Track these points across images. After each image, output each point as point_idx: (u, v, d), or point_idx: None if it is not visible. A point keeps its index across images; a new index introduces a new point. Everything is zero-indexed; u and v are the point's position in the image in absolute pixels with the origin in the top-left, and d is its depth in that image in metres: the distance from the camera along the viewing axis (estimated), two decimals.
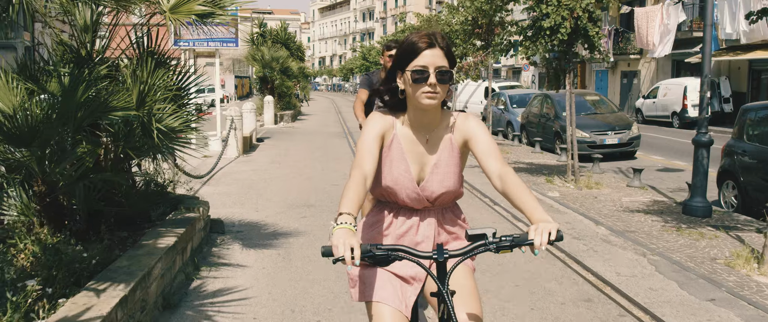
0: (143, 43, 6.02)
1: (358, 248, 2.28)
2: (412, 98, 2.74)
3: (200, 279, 6.15)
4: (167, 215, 6.65)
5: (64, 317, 3.78)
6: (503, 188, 2.67)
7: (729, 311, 5.43)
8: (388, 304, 2.76)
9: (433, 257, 2.54)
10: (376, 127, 2.81)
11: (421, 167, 2.87)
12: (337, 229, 2.34)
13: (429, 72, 2.67)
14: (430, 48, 2.69)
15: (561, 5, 11.21)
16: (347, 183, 2.60)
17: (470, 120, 2.88)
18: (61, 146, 5.04)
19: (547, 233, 2.40)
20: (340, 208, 2.46)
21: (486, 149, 2.78)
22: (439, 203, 2.93)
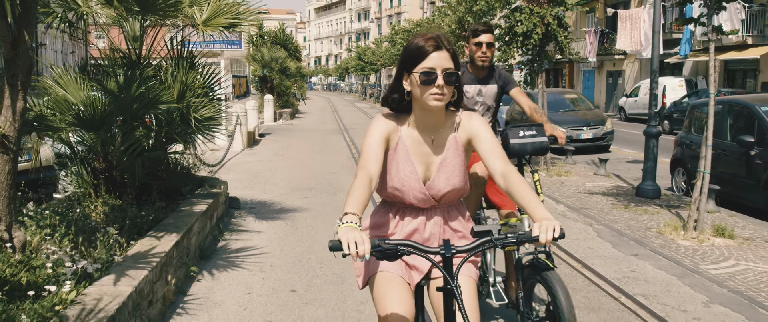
0: (179, 49, 7.42)
1: (367, 242, 2.35)
2: (420, 100, 2.80)
3: (224, 241, 7.59)
4: (195, 191, 8.06)
5: (137, 252, 5.20)
6: (507, 187, 2.75)
7: (646, 262, 6.87)
8: (391, 271, 2.90)
9: (441, 253, 2.60)
10: (381, 130, 2.87)
11: (427, 166, 2.93)
12: (343, 227, 2.41)
13: (436, 74, 2.73)
14: (437, 50, 2.74)
15: (533, 13, 12.65)
16: (353, 184, 2.66)
17: (474, 119, 2.94)
18: (122, 130, 6.46)
19: (551, 230, 2.49)
20: (345, 208, 2.53)
21: (490, 148, 2.86)
22: (444, 202, 2.99)
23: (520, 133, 4.47)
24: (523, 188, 2.68)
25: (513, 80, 5.25)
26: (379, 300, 2.85)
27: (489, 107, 5.24)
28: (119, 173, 6.84)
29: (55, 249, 4.65)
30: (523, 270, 4.12)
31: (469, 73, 5.14)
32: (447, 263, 2.59)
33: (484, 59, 5.03)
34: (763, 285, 6.16)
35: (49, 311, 3.80)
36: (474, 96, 5.15)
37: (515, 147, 4.46)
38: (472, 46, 5.08)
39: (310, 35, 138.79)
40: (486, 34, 5.02)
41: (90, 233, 5.27)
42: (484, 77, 5.16)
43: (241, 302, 5.58)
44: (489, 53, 5.03)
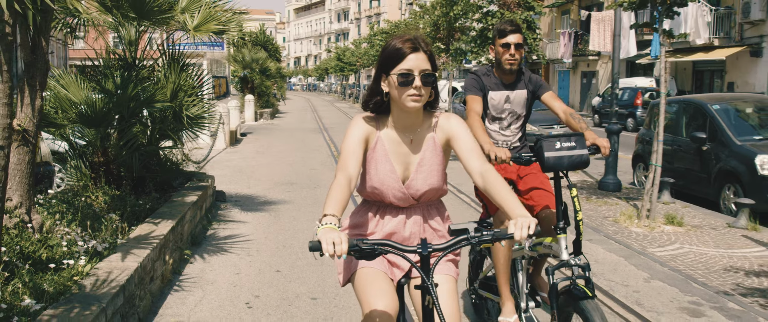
0: (171, 52, 8.02)
1: (345, 242, 2.40)
2: (398, 101, 2.83)
3: (213, 229, 8.20)
4: (184, 184, 8.65)
5: (138, 235, 5.81)
6: (484, 186, 2.78)
7: (598, 246, 7.56)
8: (374, 267, 2.95)
9: (418, 251, 2.63)
10: (359, 132, 2.91)
11: (406, 166, 2.97)
12: (322, 228, 2.45)
13: (414, 75, 2.77)
14: (415, 52, 2.78)
15: (504, 17, 13.35)
16: (332, 185, 2.71)
17: (452, 119, 2.98)
18: (120, 127, 7.05)
19: (527, 227, 2.51)
20: (324, 209, 2.58)
21: (468, 148, 2.89)
22: (424, 201, 3.04)
23: (556, 144, 3.94)
24: (501, 187, 2.71)
25: (545, 84, 4.75)
26: (362, 295, 2.88)
27: (518, 116, 4.74)
28: (116, 167, 7.43)
29: (68, 231, 5.26)
30: (557, 298, 3.74)
31: (495, 78, 4.64)
32: (424, 261, 2.64)
33: (512, 62, 4.52)
34: (700, 265, 6.86)
35: (68, 280, 4.41)
36: (501, 103, 4.64)
37: (550, 161, 3.92)
38: (498, 48, 4.55)
39: (290, 35, 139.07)
40: (514, 34, 4.53)
41: (95, 218, 5.87)
42: (513, 82, 4.65)
43: (231, 281, 6.21)
44: (518, 55, 4.54)
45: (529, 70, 4.81)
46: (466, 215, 9.38)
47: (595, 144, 4.10)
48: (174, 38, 8.40)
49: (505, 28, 4.55)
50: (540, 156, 3.94)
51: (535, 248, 4.28)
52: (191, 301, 5.63)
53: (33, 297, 4.05)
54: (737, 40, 27.43)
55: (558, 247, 3.92)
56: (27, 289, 4.12)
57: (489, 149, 3.95)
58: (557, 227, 3.97)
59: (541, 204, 4.42)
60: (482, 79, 4.64)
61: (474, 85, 4.63)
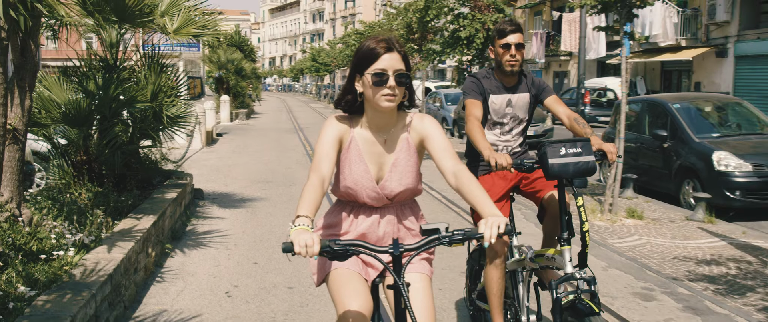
0: (151, 54, 8.29)
1: (317, 243, 2.44)
2: (372, 101, 2.85)
3: (192, 225, 8.48)
4: (164, 182, 8.92)
5: (122, 229, 6.09)
6: (457, 185, 2.79)
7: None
8: (348, 268, 2.96)
9: (390, 251, 2.66)
10: (333, 132, 2.93)
11: (380, 166, 2.99)
12: (295, 229, 2.49)
13: (388, 75, 2.79)
14: (389, 52, 2.81)
15: (474, 19, 13.74)
16: (305, 186, 2.74)
17: (426, 120, 3.00)
18: (102, 127, 7.31)
19: (497, 227, 2.52)
20: (297, 211, 2.61)
21: (441, 148, 2.91)
22: (398, 201, 3.06)
23: (561, 150, 3.72)
24: (473, 185, 2.73)
25: (548, 87, 4.54)
26: (336, 296, 2.89)
27: (520, 120, 4.52)
28: (98, 165, 7.68)
29: (55, 225, 5.53)
30: (561, 313, 3.61)
31: (496, 81, 4.42)
32: (396, 261, 2.67)
33: (513, 64, 4.29)
34: (656, 255, 7.27)
35: (59, 270, 4.69)
36: (502, 107, 4.42)
37: (555, 168, 3.69)
38: (498, 49, 4.34)
39: (265, 36, 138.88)
40: (515, 34, 4.30)
41: (80, 213, 6.14)
42: (514, 85, 4.44)
43: (210, 272, 6.51)
44: (519, 56, 4.31)
45: (532, 74, 4.57)
46: (439, 214, 9.73)
47: (602, 150, 3.86)
48: (153, 40, 8.65)
49: (504, 28, 4.32)
50: (544, 162, 3.72)
51: (537, 259, 4.07)
52: (173, 291, 5.92)
53: (26, 285, 4.33)
54: (703, 40, 28.10)
55: (562, 259, 3.72)
56: (20, 278, 4.40)
57: (489, 156, 3.77)
58: (561, 237, 3.75)
59: (545, 190, 4.27)
60: (482, 83, 4.43)
61: (473, 89, 4.41)
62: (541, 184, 4.31)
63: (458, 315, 5.42)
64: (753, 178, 9.71)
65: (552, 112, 4.42)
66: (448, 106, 25.11)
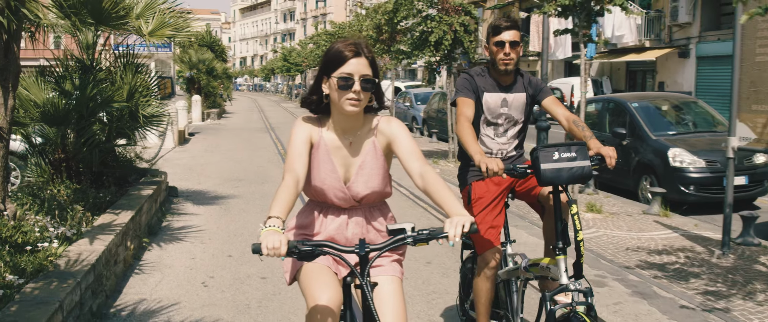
0: (126, 55, 8.53)
1: (285, 244, 2.50)
2: (337, 104, 2.88)
3: (167, 221, 8.74)
4: (139, 179, 9.16)
5: (102, 223, 6.35)
6: (424, 186, 2.82)
7: (522, 231, 8.33)
8: (318, 262, 3.00)
9: (355, 251, 2.72)
10: (304, 132, 2.98)
11: (347, 168, 3.01)
12: (265, 230, 2.55)
13: (354, 80, 2.81)
14: (356, 57, 2.83)
15: (442, 21, 14.10)
16: (280, 186, 2.79)
17: (393, 123, 3.02)
18: (79, 126, 7.55)
19: (461, 226, 2.55)
20: (269, 211, 2.65)
21: (408, 151, 2.93)
22: (366, 202, 3.08)
23: (554, 155, 3.56)
24: (439, 186, 2.77)
25: (545, 88, 4.35)
26: (306, 289, 2.92)
27: (516, 121, 4.31)
28: (75, 163, 7.91)
29: (38, 219, 5.78)
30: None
31: (491, 79, 4.24)
32: (362, 261, 2.72)
33: (507, 62, 4.09)
34: (611, 245, 7.69)
35: (44, 260, 4.95)
36: (497, 107, 4.24)
37: (547, 174, 3.53)
38: (492, 47, 4.15)
39: (235, 36, 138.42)
40: (509, 31, 4.10)
41: (61, 208, 6.40)
42: (510, 84, 4.25)
43: (187, 265, 6.79)
44: (514, 55, 4.11)
45: (529, 73, 4.41)
46: (407, 210, 10.07)
47: (600, 154, 3.68)
48: (127, 42, 8.89)
49: (499, 25, 4.12)
50: (536, 168, 3.57)
51: (531, 269, 3.96)
52: (152, 282, 6.20)
53: (14, 274, 4.59)
54: (667, 41, 28.83)
55: (556, 269, 3.62)
56: (8, 268, 4.66)
57: (479, 160, 3.59)
58: (556, 247, 3.64)
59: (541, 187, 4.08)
60: (475, 80, 4.22)
61: (466, 86, 4.20)
62: (535, 182, 4.03)
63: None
64: (706, 173, 10.20)
65: (550, 114, 4.29)
66: (417, 105, 25.49)
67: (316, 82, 2.98)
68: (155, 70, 30.92)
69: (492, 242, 4.16)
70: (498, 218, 4.26)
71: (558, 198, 3.70)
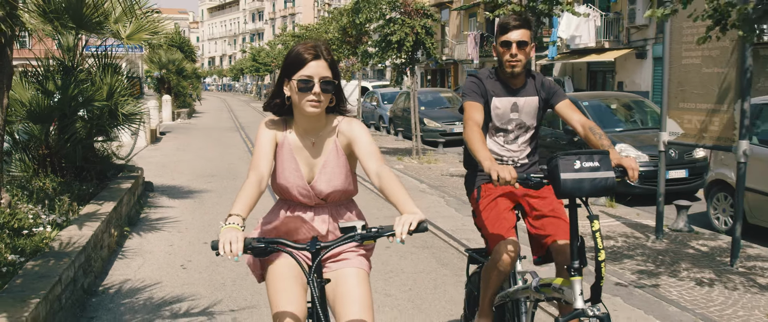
0: (103, 58, 9.07)
1: (240, 242, 2.55)
2: (298, 105, 2.93)
3: (145, 213, 9.30)
4: (117, 174, 9.70)
5: (87, 212, 6.90)
6: (380, 185, 2.85)
7: None
8: (285, 268, 3.07)
9: (307, 248, 2.77)
10: (269, 133, 3.05)
11: (311, 168, 3.07)
12: (225, 228, 2.61)
13: (314, 82, 2.87)
14: (316, 59, 2.89)
15: (404, 24, 14.77)
16: (243, 184, 2.87)
17: (353, 124, 3.07)
18: (62, 124, 8.08)
19: (408, 224, 2.56)
20: (231, 209, 2.72)
21: (366, 151, 2.97)
22: (331, 200, 3.13)
23: (575, 164, 3.22)
24: (394, 185, 2.79)
25: (560, 91, 4.02)
26: (272, 297, 3.00)
27: (527, 127, 3.99)
28: (58, 158, 8.44)
29: (31, 207, 6.33)
30: None
31: (500, 82, 3.94)
32: (314, 258, 2.76)
33: (514, 64, 3.79)
34: None
35: (40, 242, 5.52)
36: (506, 112, 3.93)
37: (568, 185, 3.19)
38: (498, 47, 3.85)
39: (204, 35, 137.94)
40: (517, 31, 3.77)
41: (50, 199, 6.94)
42: (520, 87, 3.94)
43: (166, 251, 7.37)
44: (522, 56, 3.79)
45: (542, 74, 4.12)
46: (372, 207, 10.71)
47: (621, 165, 3.35)
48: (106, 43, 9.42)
49: (507, 23, 3.79)
50: (554, 178, 3.22)
51: (543, 289, 3.62)
52: (134, 265, 6.78)
53: (14, 254, 5.15)
54: (625, 43, 29.84)
55: (571, 292, 3.30)
56: (8, 249, 5.21)
57: (489, 167, 3.28)
58: (571, 267, 3.30)
59: (555, 235, 3.79)
60: (484, 83, 3.92)
61: (473, 90, 3.90)
62: (551, 226, 3.82)
63: None
64: (649, 167, 10.96)
65: (564, 120, 3.93)
66: (384, 105, 26.15)
67: (278, 85, 3.03)
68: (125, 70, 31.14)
69: (505, 232, 3.80)
70: (510, 214, 3.92)
71: (575, 212, 3.31)
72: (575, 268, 3.29)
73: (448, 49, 48.25)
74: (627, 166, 3.33)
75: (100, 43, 9.43)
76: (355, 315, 2.88)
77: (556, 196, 3.32)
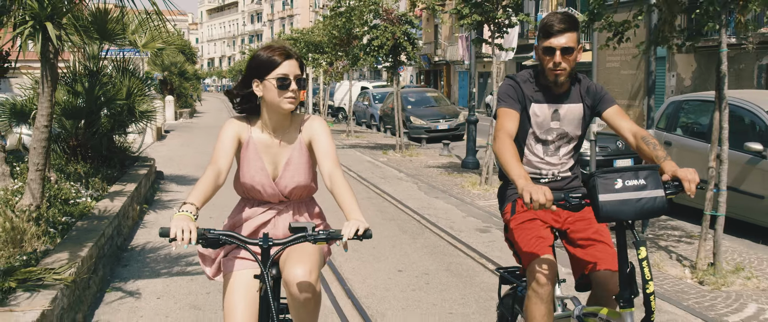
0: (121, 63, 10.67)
1: (193, 230, 2.63)
2: (275, 103, 3.04)
3: (158, 196, 10.91)
4: (133, 164, 11.28)
5: (114, 191, 8.49)
6: (331, 187, 2.97)
7: (440, 200, 10.60)
8: (242, 274, 3.14)
9: (259, 244, 2.86)
10: (233, 131, 3.13)
11: (276, 164, 3.17)
12: (177, 215, 2.70)
13: (290, 80, 3.01)
14: (288, 59, 3.04)
15: (387, 30, 16.36)
16: (201, 178, 2.98)
17: (316, 122, 3.17)
18: (89, 120, 9.68)
19: (355, 229, 2.66)
20: (187, 198, 2.83)
21: (324, 150, 3.09)
22: (294, 197, 3.25)
23: (616, 183, 2.91)
24: (343, 189, 2.90)
25: (608, 96, 3.59)
26: (226, 307, 3.10)
27: (570, 138, 3.60)
28: (85, 149, 10.03)
29: (71, 184, 7.92)
30: None
31: (540, 87, 3.54)
32: (264, 254, 2.85)
33: (558, 73, 3.39)
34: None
35: (83, 209, 7.11)
36: (547, 121, 3.54)
37: (607, 208, 2.89)
38: (539, 52, 3.42)
39: (203, 37, 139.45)
40: (563, 35, 3.34)
41: (84, 179, 8.53)
42: (564, 92, 3.54)
43: None
44: (566, 64, 3.37)
45: (588, 79, 3.67)
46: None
47: (676, 177, 3.01)
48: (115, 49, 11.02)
49: (550, 26, 3.34)
50: (593, 199, 2.93)
51: (587, 319, 3.36)
52: (153, 232, 8.36)
53: (66, 216, 6.73)
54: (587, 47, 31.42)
55: (622, 320, 3.02)
56: (61, 213, 6.79)
57: (523, 187, 2.92)
58: (621, 297, 3.05)
59: (599, 263, 3.41)
60: (522, 87, 3.52)
61: (510, 95, 3.50)
62: (595, 252, 3.44)
63: None
64: (600, 157, 12.53)
65: (613, 128, 3.53)
66: (375, 104, 27.76)
67: (245, 86, 3.13)
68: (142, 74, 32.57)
69: (541, 250, 3.40)
70: (546, 232, 3.53)
71: (623, 235, 3.04)
72: (626, 298, 3.02)
73: (441, 50, 49.90)
74: (683, 177, 2.96)
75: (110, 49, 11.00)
76: (300, 276, 2.96)
77: (596, 220, 3.00)
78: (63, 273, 4.83)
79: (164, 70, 32.49)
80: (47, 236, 5.89)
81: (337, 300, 5.79)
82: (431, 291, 6.09)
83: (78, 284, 5.10)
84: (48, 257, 5.28)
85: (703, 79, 26.21)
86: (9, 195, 6.80)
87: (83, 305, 5.33)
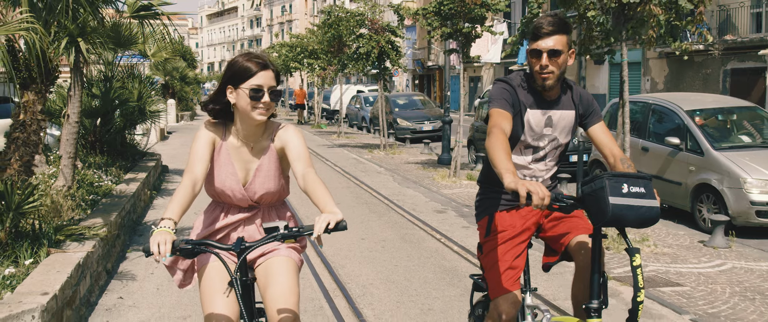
0: (132, 69, 12.22)
1: (169, 244, 2.70)
2: (246, 112, 3.06)
3: (164, 185, 12.47)
4: (142, 157, 12.82)
5: (129, 178, 10.03)
6: (304, 186, 3.00)
7: (410, 189, 12.13)
8: (216, 270, 3.19)
9: (232, 249, 2.92)
10: (206, 137, 3.16)
11: (247, 171, 3.22)
12: (155, 231, 2.76)
13: (264, 91, 3.03)
14: (264, 69, 3.04)
15: (372, 39, 17.90)
16: (178, 187, 3.01)
17: (289, 129, 3.21)
18: (105, 119, 11.22)
19: (326, 223, 2.67)
20: (164, 213, 2.88)
21: (296, 154, 3.12)
22: (265, 203, 3.30)
23: (623, 187, 2.83)
24: (317, 186, 2.94)
25: (597, 110, 3.57)
26: (204, 300, 3.12)
27: (559, 145, 3.54)
28: (101, 144, 11.57)
29: (94, 171, 9.47)
30: None
31: (531, 93, 3.44)
32: (240, 257, 2.94)
33: (545, 77, 3.31)
34: (468, 198, 11.43)
35: (105, 189, 8.65)
36: (540, 127, 3.45)
37: (615, 211, 2.79)
38: (529, 56, 3.34)
39: (203, 41, 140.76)
40: (551, 37, 3.26)
41: (103, 168, 10.08)
42: (556, 98, 3.47)
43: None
44: (554, 67, 3.29)
45: (579, 86, 3.63)
46: (380, 209, 13.78)
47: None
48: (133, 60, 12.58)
49: (539, 28, 3.29)
50: (600, 200, 2.84)
51: None
52: (160, 213, 9.86)
53: (92, 194, 8.26)
54: None
55: None
56: (88, 192, 8.33)
57: (513, 183, 2.75)
58: (589, 307, 2.99)
59: (574, 231, 3.43)
60: (517, 92, 3.42)
61: (503, 97, 3.37)
62: (567, 225, 3.47)
63: None
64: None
65: (594, 144, 3.52)
66: (366, 107, 29.31)
67: (220, 92, 3.13)
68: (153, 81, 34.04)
69: (509, 286, 3.41)
70: (519, 259, 3.51)
71: (599, 242, 3.00)
72: (594, 308, 2.96)
73: (433, 55, 51.42)
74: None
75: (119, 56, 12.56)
76: (281, 303, 3.05)
77: (594, 222, 2.93)
78: (98, 231, 6.38)
79: (166, 75, 34.04)
80: (80, 209, 7.43)
81: (309, 259, 7.31)
82: (386, 253, 7.63)
83: (108, 240, 6.65)
84: (83, 222, 6.82)
85: (675, 83, 27.82)
86: (46, 178, 8.35)
87: (111, 258, 6.90)
